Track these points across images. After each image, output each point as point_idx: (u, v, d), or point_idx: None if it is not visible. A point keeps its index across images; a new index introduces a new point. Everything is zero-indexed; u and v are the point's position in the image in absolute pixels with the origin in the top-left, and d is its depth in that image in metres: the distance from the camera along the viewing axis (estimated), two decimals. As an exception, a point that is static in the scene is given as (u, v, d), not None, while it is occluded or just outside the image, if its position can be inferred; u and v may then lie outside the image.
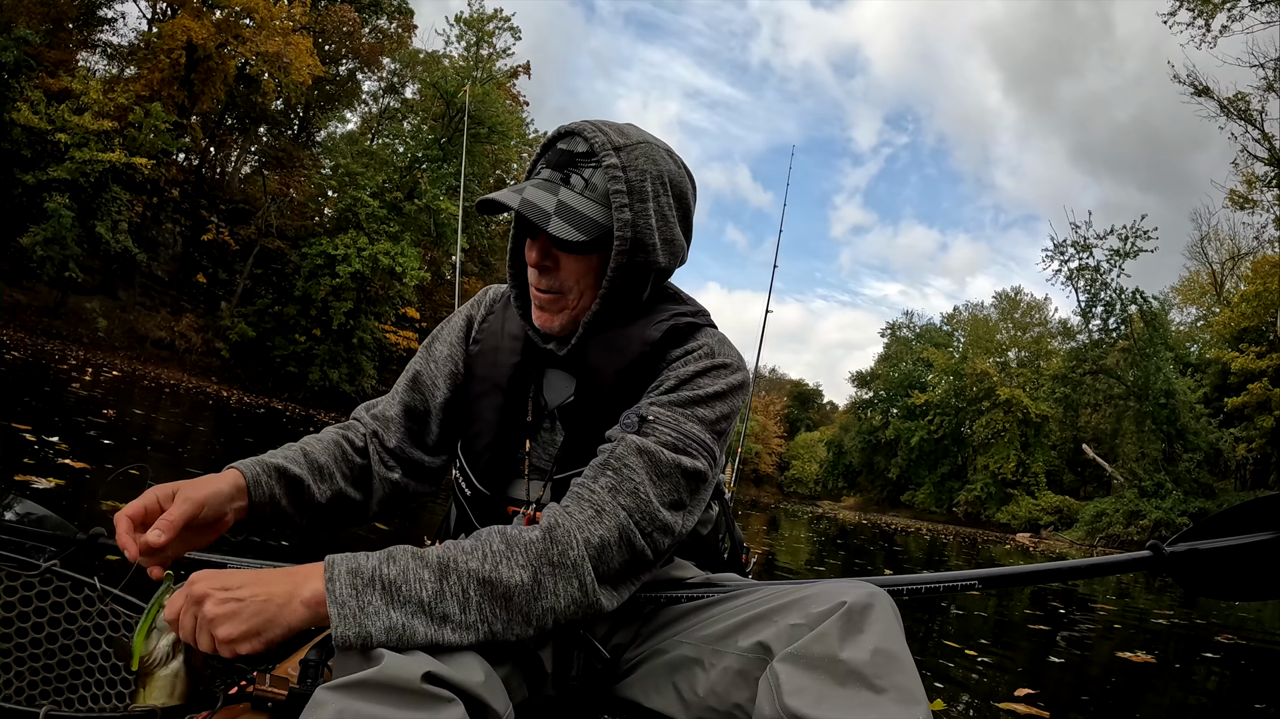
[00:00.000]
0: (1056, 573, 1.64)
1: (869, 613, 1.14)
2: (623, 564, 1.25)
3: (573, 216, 1.37)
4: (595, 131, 1.40)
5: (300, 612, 1.09)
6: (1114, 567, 1.65)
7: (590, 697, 1.42)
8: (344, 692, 0.99)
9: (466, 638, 1.12)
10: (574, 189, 1.39)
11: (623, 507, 1.25)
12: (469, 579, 1.14)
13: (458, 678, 1.05)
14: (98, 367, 23.07)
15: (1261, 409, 38.34)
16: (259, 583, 1.10)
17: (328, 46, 43.20)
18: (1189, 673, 5.95)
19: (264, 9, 35.55)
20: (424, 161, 43.09)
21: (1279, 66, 32.17)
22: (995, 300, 65.33)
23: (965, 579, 1.51)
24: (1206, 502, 36.69)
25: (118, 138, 31.31)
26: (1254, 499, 1.55)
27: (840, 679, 1.07)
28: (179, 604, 1.11)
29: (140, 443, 8.62)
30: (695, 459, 1.33)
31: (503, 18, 45.61)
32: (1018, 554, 23.55)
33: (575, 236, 1.35)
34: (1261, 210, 37.94)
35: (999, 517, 51.88)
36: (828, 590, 1.20)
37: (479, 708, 1.07)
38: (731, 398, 1.42)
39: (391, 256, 38.61)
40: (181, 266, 40.35)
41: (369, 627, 1.07)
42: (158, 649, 1.18)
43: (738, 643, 1.27)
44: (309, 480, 1.48)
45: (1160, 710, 4.69)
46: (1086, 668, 5.64)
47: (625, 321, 1.46)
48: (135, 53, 36.29)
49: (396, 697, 0.99)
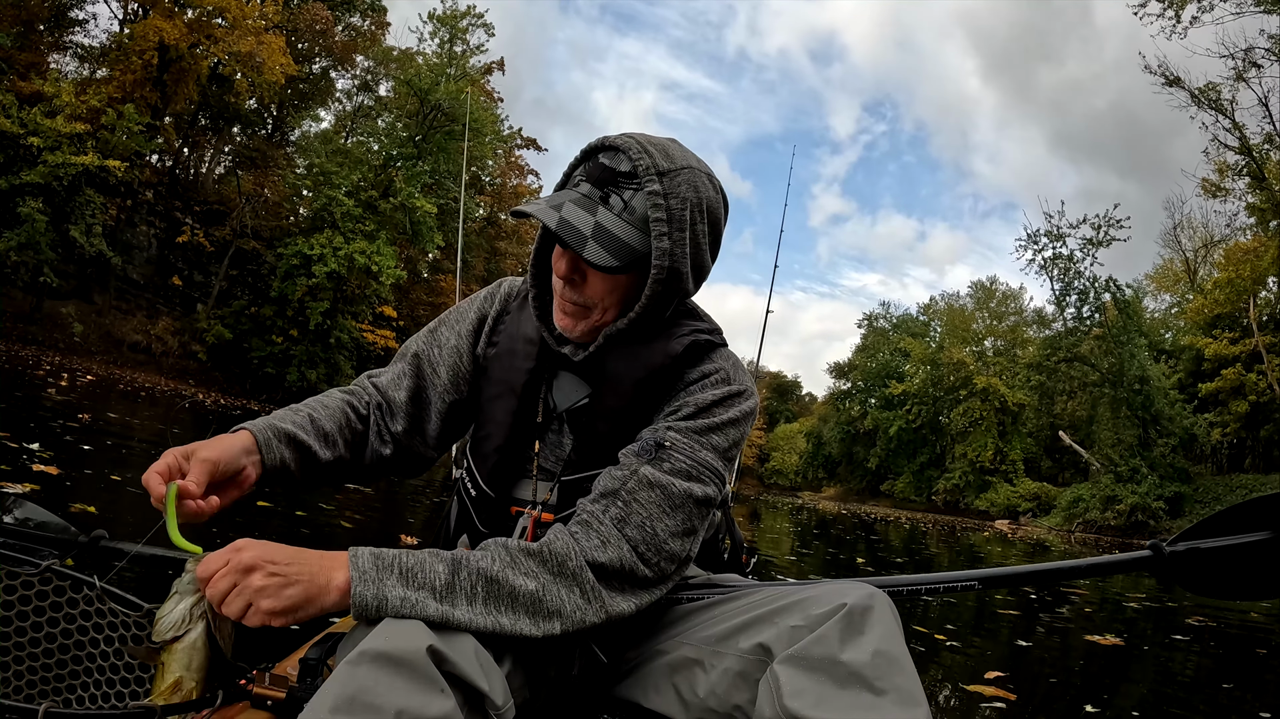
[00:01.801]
0: (1057, 573, 1.69)
1: (869, 615, 1.14)
2: (625, 586, 1.29)
3: (609, 242, 1.34)
4: (640, 152, 1.37)
5: (334, 595, 1.15)
6: (1114, 566, 1.72)
7: (591, 697, 1.45)
8: (348, 664, 1.03)
9: (475, 622, 1.17)
10: (612, 210, 1.36)
11: (628, 539, 1.29)
12: (478, 576, 1.19)
13: (457, 660, 1.07)
14: (73, 372, 22.88)
15: (1235, 394, 38.71)
16: (302, 563, 1.15)
17: (300, 45, 42.90)
18: (1157, 656, 6.04)
19: (236, 8, 35.27)
20: (399, 159, 42.81)
21: (1248, 57, 32.47)
22: (971, 290, 65.66)
23: (965, 579, 1.56)
24: (1182, 486, 37.06)
25: (90, 140, 30.94)
26: (1251, 499, 1.62)
27: (841, 681, 1.09)
28: (216, 567, 1.14)
29: (116, 446, 8.60)
30: (707, 487, 1.37)
31: (475, 14, 45.39)
32: (997, 541, 23.64)
33: (610, 263, 1.33)
34: (1234, 198, 38.42)
35: (978, 504, 52.23)
36: (828, 592, 1.21)
37: (476, 697, 1.09)
38: (744, 424, 1.46)
39: (368, 256, 38.39)
40: (157, 269, 39.99)
41: (385, 593, 1.14)
42: (176, 612, 1.18)
43: (738, 644, 1.27)
44: (316, 447, 1.51)
45: (1125, 693, 4.77)
46: (1056, 652, 5.71)
47: (647, 336, 1.46)
48: (107, 54, 35.87)
49: (397, 669, 1.02)
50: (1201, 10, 31.57)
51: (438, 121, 43.08)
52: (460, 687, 1.07)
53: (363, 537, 6.37)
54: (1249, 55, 32.50)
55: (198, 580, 1.17)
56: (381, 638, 1.05)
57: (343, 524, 6.56)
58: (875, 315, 71.62)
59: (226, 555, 1.14)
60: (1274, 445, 38.44)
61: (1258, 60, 32.43)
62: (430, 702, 1.01)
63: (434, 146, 43.21)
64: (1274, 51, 31.76)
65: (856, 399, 69.50)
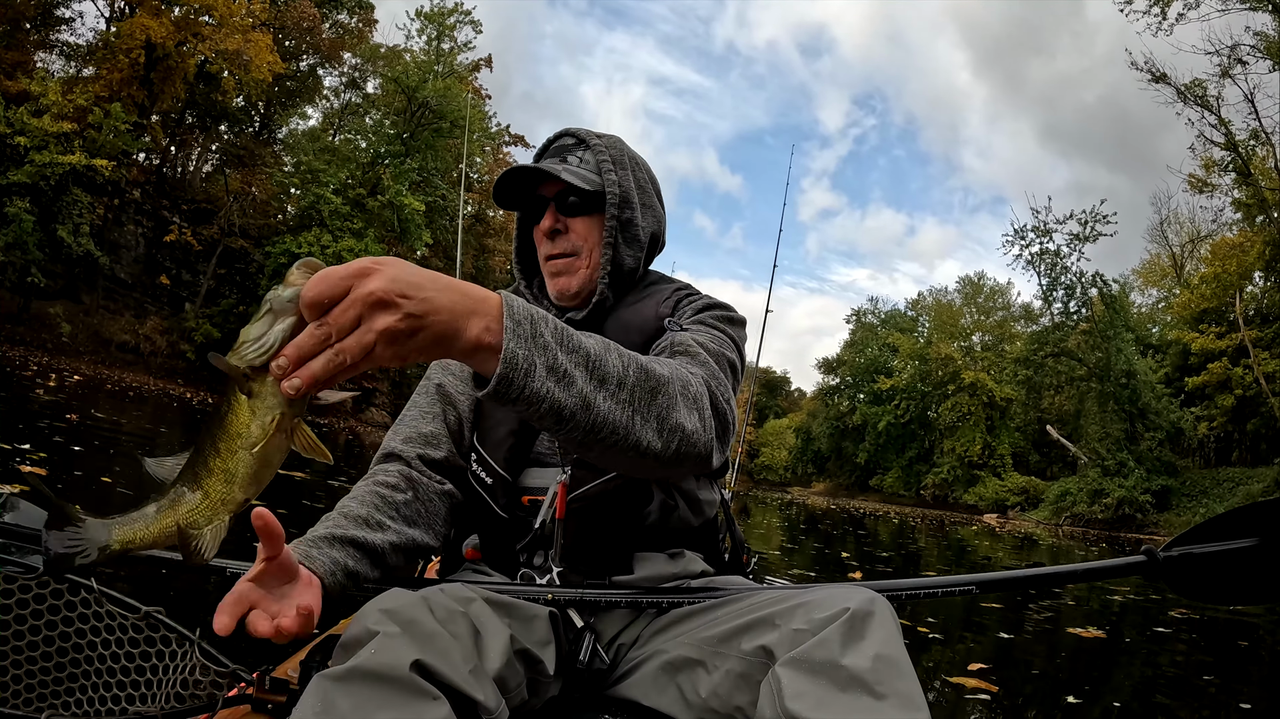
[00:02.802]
0: (1053, 577, 1.73)
1: (871, 620, 1.15)
2: (718, 418, 1.34)
3: (577, 176, 1.64)
4: (584, 132, 1.73)
5: (469, 342, 0.97)
6: (1110, 571, 1.75)
7: (592, 697, 1.46)
8: (333, 681, 1.03)
9: (613, 412, 1.12)
10: (571, 165, 1.67)
11: (701, 377, 1.35)
12: (630, 358, 1.17)
13: (445, 671, 1.07)
14: (61, 372, 22.85)
15: (1222, 388, 38.95)
16: (442, 294, 0.94)
17: (288, 42, 42.79)
18: (1140, 648, 6.10)
19: (223, 6, 35.15)
20: (386, 157, 42.78)
21: (1234, 53, 32.65)
22: (959, 285, 65.97)
23: (963, 583, 1.59)
24: (1169, 479, 37.32)
25: (77, 140, 30.83)
26: (1242, 506, 1.68)
27: (842, 685, 1.08)
28: (335, 292, 0.89)
29: (105, 447, 8.62)
30: (730, 354, 1.52)
31: (463, 11, 45.36)
32: (985, 535, 23.76)
33: (583, 183, 1.62)
34: (1220, 194, 38.64)
35: (966, 498, 52.50)
36: (831, 597, 1.21)
37: (467, 704, 1.09)
38: (740, 328, 1.68)
39: (355, 254, 38.22)
40: (144, 268, 39.88)
41: (535, 357, 1.01)
42: (272, 334, 0.89)
43: (740, 646, 1.27)
44: (361, 536, 1.41)
45: (1107, 685, 4.83)
46: (1039, 645, 5.77)
47: (635, 299, 1.70)
48: (94, 53, 35.71)
49: (383, 687, 1.02)
50: (1187, 7, 31.82)
51: (426, 119, 43.06)
52: (451, 695, 1.07)
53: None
54: (1235, 52, 32.72)
55: (304, 305, 0.89)
56: (367, 654, 1.05)
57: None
58: (864, 311, 71.92)
59: (349, 277, 0.89)
60: (1261, 439, 38.64)
61: (1243, 57, 32.66)
62: (423, 712, 1.02)
63: (422, 144, 43.20)
64: (1259, 48, 31.94)
65: (845, 394, 69.68)
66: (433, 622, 1.13)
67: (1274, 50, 31.30)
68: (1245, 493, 34.33)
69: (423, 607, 1.15)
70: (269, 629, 1.10)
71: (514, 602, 1.36)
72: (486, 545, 1.67)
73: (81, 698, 1.44)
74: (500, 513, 1.60)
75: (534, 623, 1.37)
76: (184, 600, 3.58)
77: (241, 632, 1.09)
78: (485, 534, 1.65)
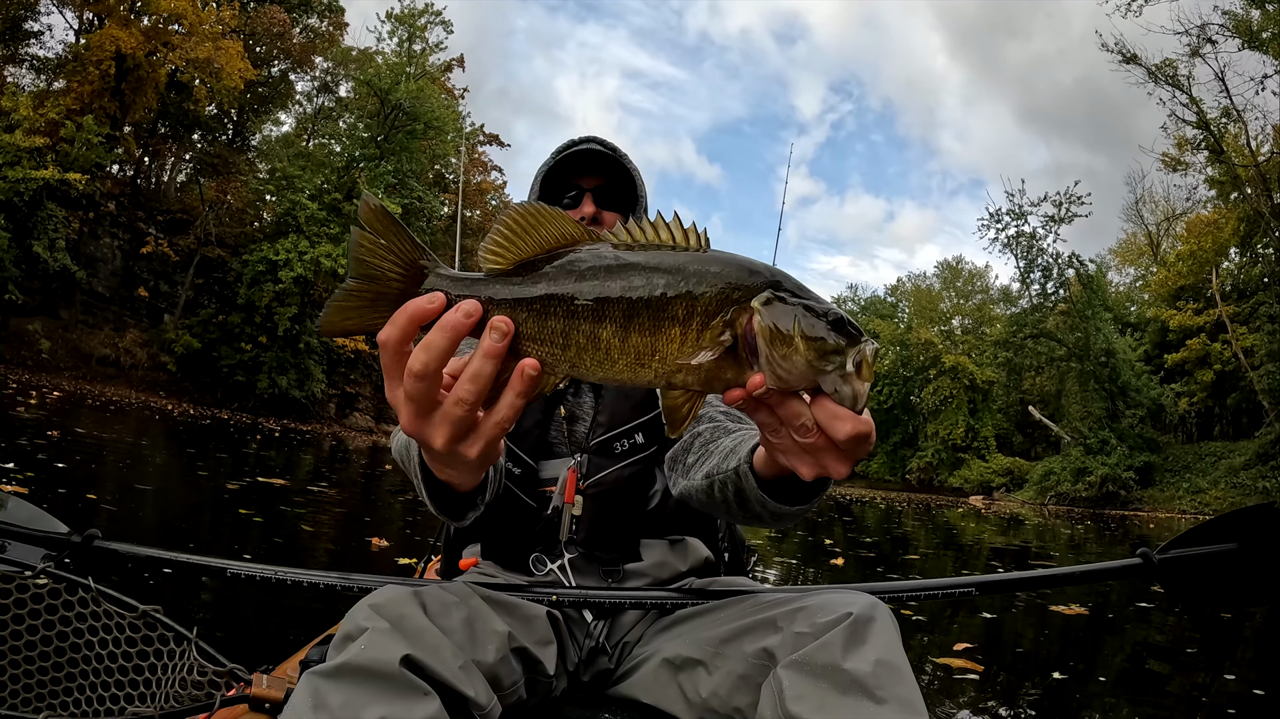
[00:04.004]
0: (1050, 579, 1.77)
1: (872, 625, 1.16)
2: None
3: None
4: (603, 139, 1.89)
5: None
6: (1106, 573, 1.81)
7: (593, 695, 1.48)
8: (323, 677, 1.05)
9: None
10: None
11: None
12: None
13: (434, 666, 1.09)
14: (41, 389, 22.70)
15: (1201, 364, 39.34)
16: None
17: (258, 49, 42.51)
18: (1120, 623, 6.17)
19: (192, 14, 34.91)
20: (361, 160, 42.53)
21: (1203, 33, 32.84)
22: (938, 269, 66.07)
23: (963, 585, 1.62)
24: (1151, 455, 37.57)
25: (50, 154, 30.62)
26: (1230, 512, 1.74)
27: (843, 688, 1.09)
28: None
29: (86, 462, 8.60)
30: None
31: (434, 12, 45.17)
32: (971, 517, 23.85)
33: (633, 166, 1.86)
34: (1194, 172, 38.85)
35: (952, 481, 52.68)
36: (832, 601, 1.22)
37: (457, 700, 1.10)
38: None
39: (333, 258, 38.05)
40: (122, 281, 39.60)
41: None
42: (852, 390, 0.88)
43: (742, 648, 1.28)
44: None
45: (1092, 659, 4.89)
46: (1023, 622, 5.81)
47: None
48: (64, 66, 35.37)
49: (373, 682, 1.04)
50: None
51: (399, 121, 42.82)
52: (442, 691, 1.08)
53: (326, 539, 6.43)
54: (1204, 31, 32.90)
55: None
56: (357, 650, 1.07)
57: (304, 527, 6.60)
58: (843, 299, 71.89)
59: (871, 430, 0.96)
60: (1241, 413, 38.99)
61: (1213, 36, 32.87)
62: (413, 707, 1.04)
63: (396, 146, 42.92)
64: (1228, 27, 32.14)
65: (829, 383, 69.62)
66: (423, 618, 1.15)
67: (1243, 29, 31.52)
68: (1227, 466, 34.64)
69: (413, 603, 1.17)
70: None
71: (515, 601, 1.37)
72: (498, 540, 1.70)
73: (80, 698, 1.45)
74: (529, 502, 1.64)
75: (534, 623, 1.38)
76: (181, 599, 3.60)
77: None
78: (499, 528, 1.67)
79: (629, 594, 1.46)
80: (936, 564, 8.77)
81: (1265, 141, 34.53)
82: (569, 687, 1.47)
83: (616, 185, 1.82)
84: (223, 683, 1.46)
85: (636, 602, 1.46)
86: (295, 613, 3.95)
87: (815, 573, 8.08)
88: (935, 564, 8.75)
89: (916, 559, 9.96)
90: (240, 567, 1.48)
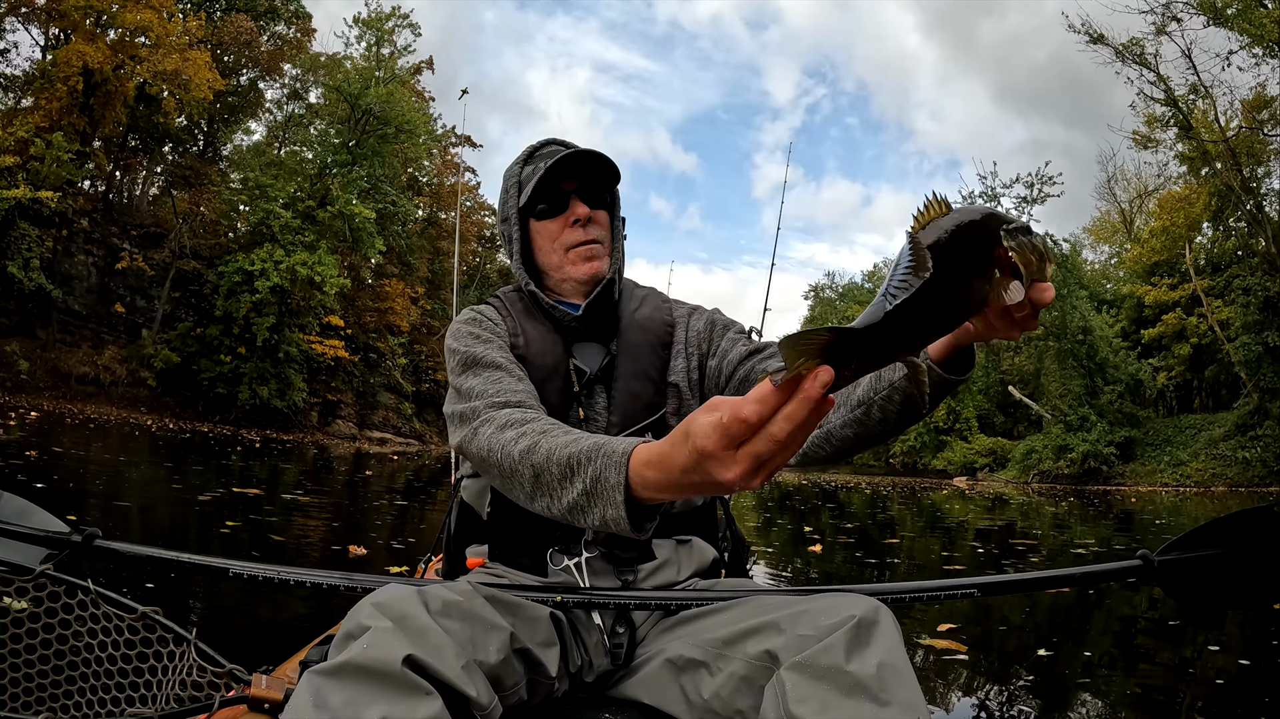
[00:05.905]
0: (1050, 580, 1.80)
1: (876, 628, 1.17)
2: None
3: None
4: (568, 141, 1.89)
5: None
6: (1106, 575, 1.84)
7: (594, 696, 1.49)
8: (325, 675, 1.05)
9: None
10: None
11: None
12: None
13: (437, 666, 1.09)
14: (20, 410, 22.58)
15: (1178, 338, 39.72)
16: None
17: (226, 58, 42.26)
18: (1104, 599, 6.22)
19: (159, 26, 34.60)
20: (334, 167, 42.29)
21: (1169, 11, 33.07)
22: (914, 254, 66.27)
23: (964, 587, 1.64)
24: (1131, 430, 37.89)
25: (21, 173, 30.37)
26: (1228, 515, 1.78)
27: (846, 690, 1.09)
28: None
29: (64, 479, 8.57)
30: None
31: (401, 15, 44.98)
32: (956, 498, 23.93)
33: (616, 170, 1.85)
34: (1164, 149, 39.04)
35: (935, 463, 52.85)
36: (836, 604, 1.23)
37: (459, 700, 1.10)
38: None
39: (309, 266, 37.91)
40: (99, 298, 39.31)
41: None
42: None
43: (745, 649, 1.28)
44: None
45: (1077, 636, 4.96)
46: (1006, 601, 5.85)
47: (635, 305, 1.89)
48: (31, 83, 35.04)
49: (375, 681, 1.04)
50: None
51: (370, 125, 42.66)
52: (444, 690, 1.09)
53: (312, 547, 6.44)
54: (1169, 9, 33.12)
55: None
56: (359, 649, 1.07)
57: (272, 537, 6.57)
58: (821, 286, 72.23)
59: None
60: (1220, 385, 39.39)
61: (1178, 14, 33.04)
62: (415, 707, 1.04)
63: (368, 151, 42.70)
64: (1193, 4, 32.34)
65: (808, 370, 69.67)
66: (425, 616, 1.15)
67: (1207, 6, 31.68)
68: (1207, 438, 34.97)
69: (416, 602, 1.17)
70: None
71: (518, 601, 1.38)
72: (516, 539, 1.70)
73: (80, 699, 1.46)
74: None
75: (537, 624, 1.38)
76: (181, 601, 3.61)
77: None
78: (519, 527, 1.67)
79: (631, 595, 1.48)
80: (920, 546, 8.80)
81: (1234, 117, 34.80)
82: (571, 688, 1.48)
83: (593, 182, 1.83)
84: (222, 684, 1.46)
85: (641, 602, 1.47)
86: (295, 614, 3.96)
87: (795, 562, 8.07)
88: (919, 546, 8.77)
89: (897, 543, 9.95)
90: (243, 566, 1.50)
